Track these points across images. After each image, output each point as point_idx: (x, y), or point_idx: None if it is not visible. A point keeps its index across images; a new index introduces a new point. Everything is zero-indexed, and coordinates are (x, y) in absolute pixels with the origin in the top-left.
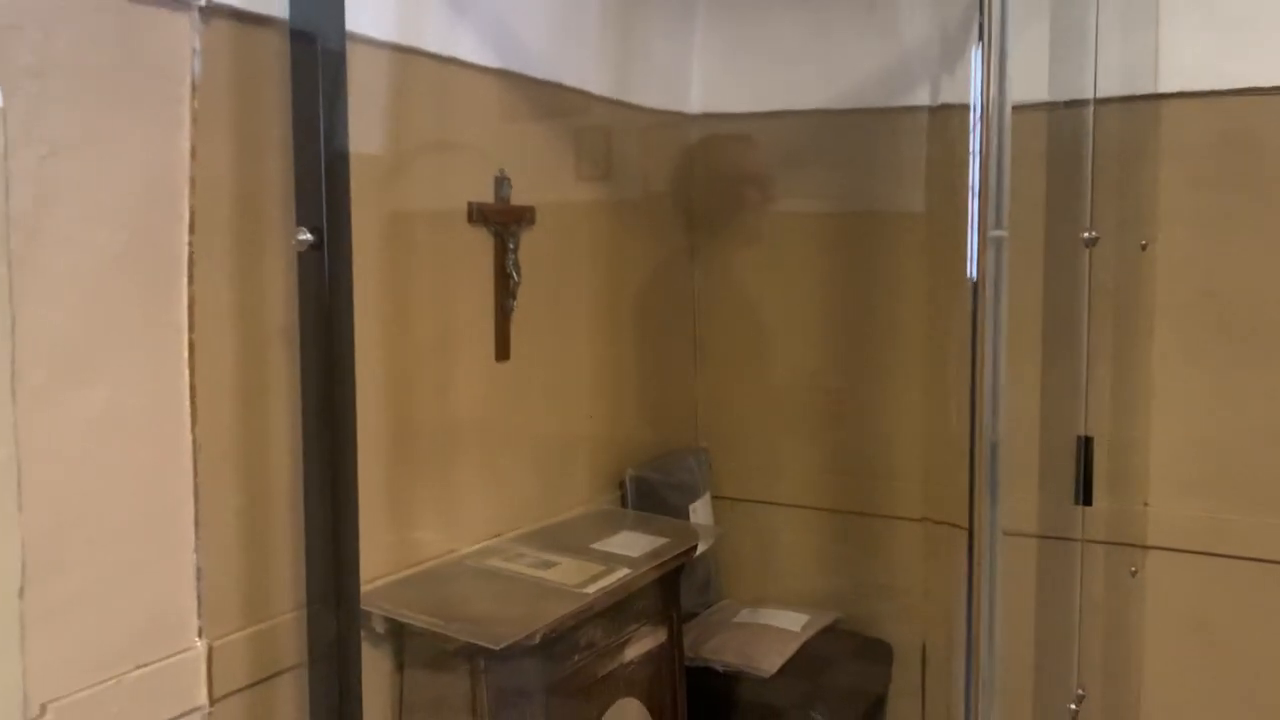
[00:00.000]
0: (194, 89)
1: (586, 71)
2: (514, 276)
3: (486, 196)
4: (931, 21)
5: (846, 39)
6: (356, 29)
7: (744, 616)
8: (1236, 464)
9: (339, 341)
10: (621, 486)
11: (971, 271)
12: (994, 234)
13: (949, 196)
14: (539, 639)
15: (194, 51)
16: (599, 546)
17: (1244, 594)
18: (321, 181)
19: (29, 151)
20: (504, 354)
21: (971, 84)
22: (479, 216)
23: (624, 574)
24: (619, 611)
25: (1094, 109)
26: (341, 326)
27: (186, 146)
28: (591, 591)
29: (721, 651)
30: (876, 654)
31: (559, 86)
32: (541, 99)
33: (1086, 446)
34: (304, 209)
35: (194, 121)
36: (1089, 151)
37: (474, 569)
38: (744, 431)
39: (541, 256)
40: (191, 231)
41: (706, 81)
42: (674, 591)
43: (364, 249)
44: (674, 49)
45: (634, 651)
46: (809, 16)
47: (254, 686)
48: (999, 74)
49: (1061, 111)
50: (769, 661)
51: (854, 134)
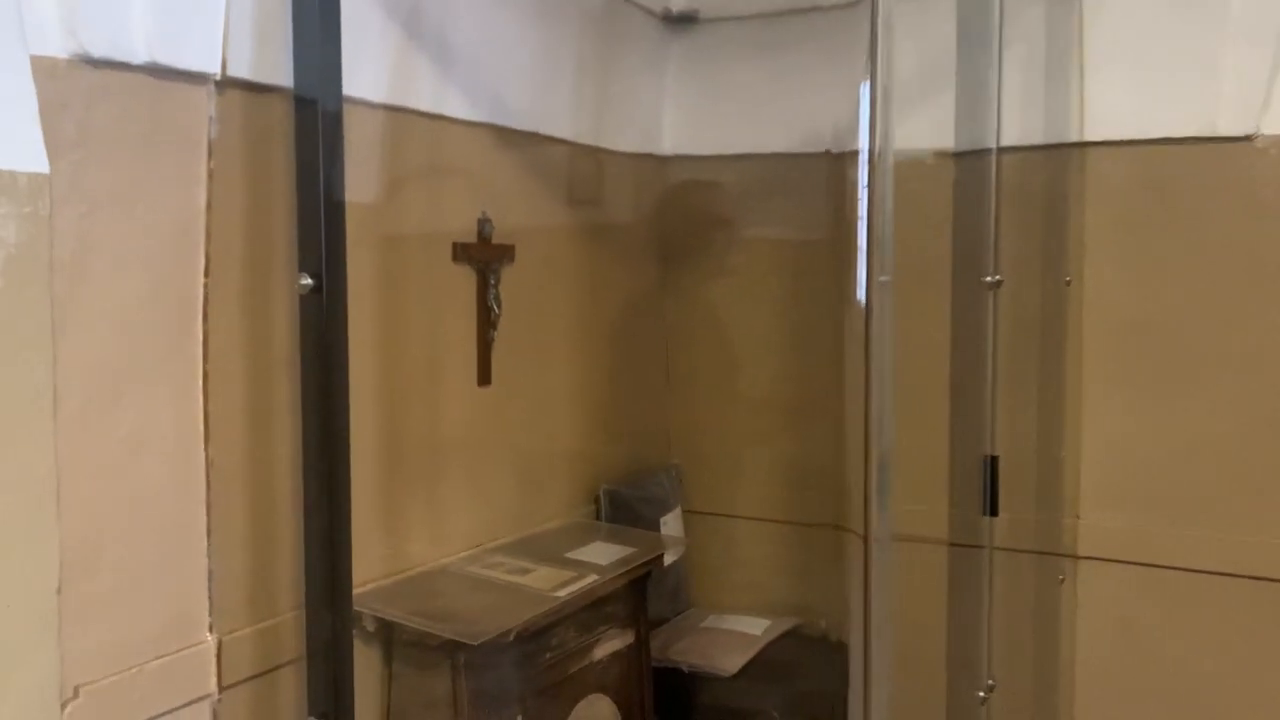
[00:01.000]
0: (210, 150)
1: (564, 121)
2: (495, 309)
3: (470, 237)
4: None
5: (802, 88)
6: (354, 93)
7: (710, 621)
8: (1159, 481)
9: (335, 373)
10: (596, 501)
11: (862, 307)
12: (881, 279)
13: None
14: (513, 636)
15: (210, 119)
16: (572, 555)
17: (1165, 598)
18: (321, 231)
19: (71, 209)
20: (485, 380)
21: (860, 133)
22: (463, 255)
23: (593, 580)
24: (589, 614)
25: (996, 159)
26: (338, 359)
27: (203, 201)
28: (562, 595)
29: (687, 653)
30: (835, 656)
31: (538, 136)
32: (522, 147)
33: (992, 465)
34: (305, 256)
35: (210, 179)
36: (991, 200)
37: (456, 575)
38: (712, 449)
39: (521, 290)
40: (207, 275)
41: (676, 126)
42: (642, 597)
43: (360, 286)
44: (646, 97)
45: (603, 651)
46: (768, 67)
47: (258, 678)
48: (884, 122)
49: (966, 160)
50: (731, 662)
51: (806, 174)
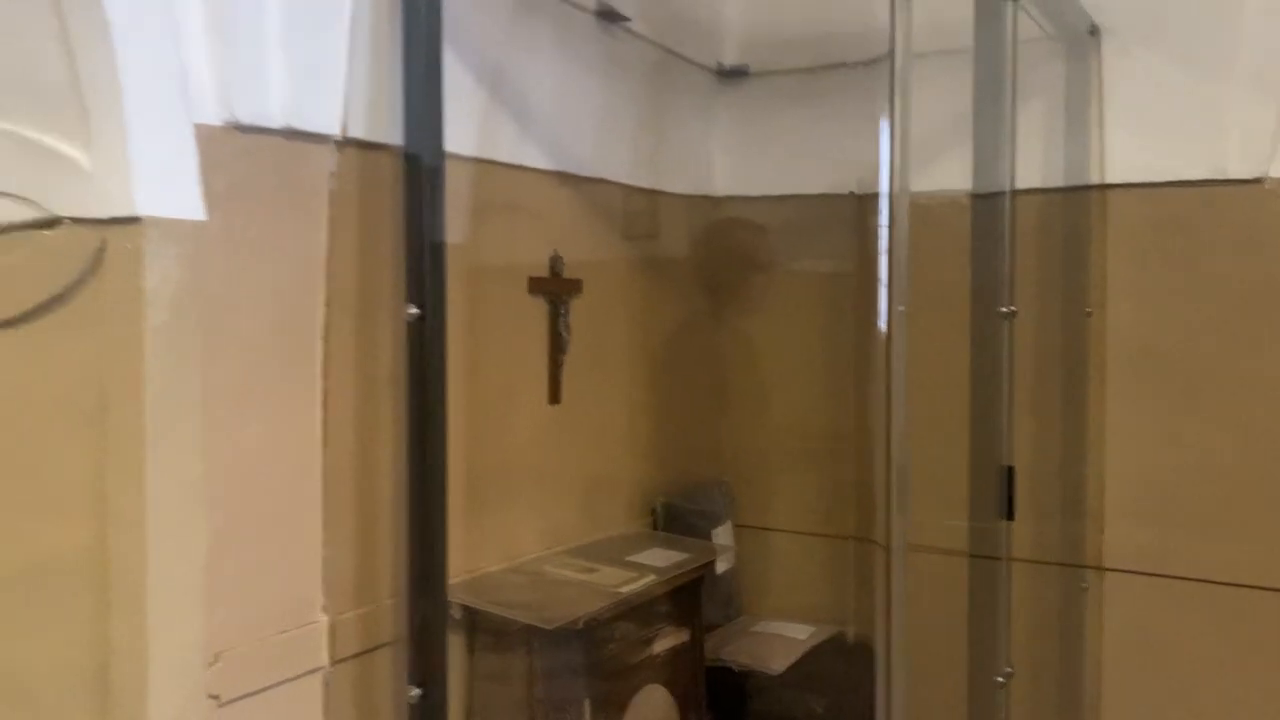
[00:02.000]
0: (330, 199)
1: (625, 166)
2: (564, 335)
3: (543, 271)
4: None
5: (836, 135)
6: (449, 148)
7: (758, 627)
8: (1181, 497)
9: (436, 390)
10: (653, 513)
11: (882, 334)
12: (899, 309)
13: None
14: (582, 625)
15: (331, 173)
16: (632, 558)
17: (1184, 608)
18: (425, 268)
19: (220, 251)
20: (555, 399)
21: (880, 175)
22: (537, 288)
23: (652, 579)
24: (648, 611)
25: (1011, 200)
26: (438, 378)
27: (324, 243)
28: (625, 591)
29: (737, 654)
30: (870, 658)
31: (602, 181)
32: (588, 191)
33: (1009, 474)
34: (412, 288)
35: (330, 224)
36: (1005, 237)
37: (529, 573)
38: (759, 467)
39: (587, 319)
40: (326, 306)
41: (727, 169)
42: (695, 598)
43: (450, 316)
44: (699, 143)
45: (661, 646)
46: (808, 115)
47: (362, 655)
48: (902, 166)
49: (984, 202)
50: (777, 662)
51: (838, 214)
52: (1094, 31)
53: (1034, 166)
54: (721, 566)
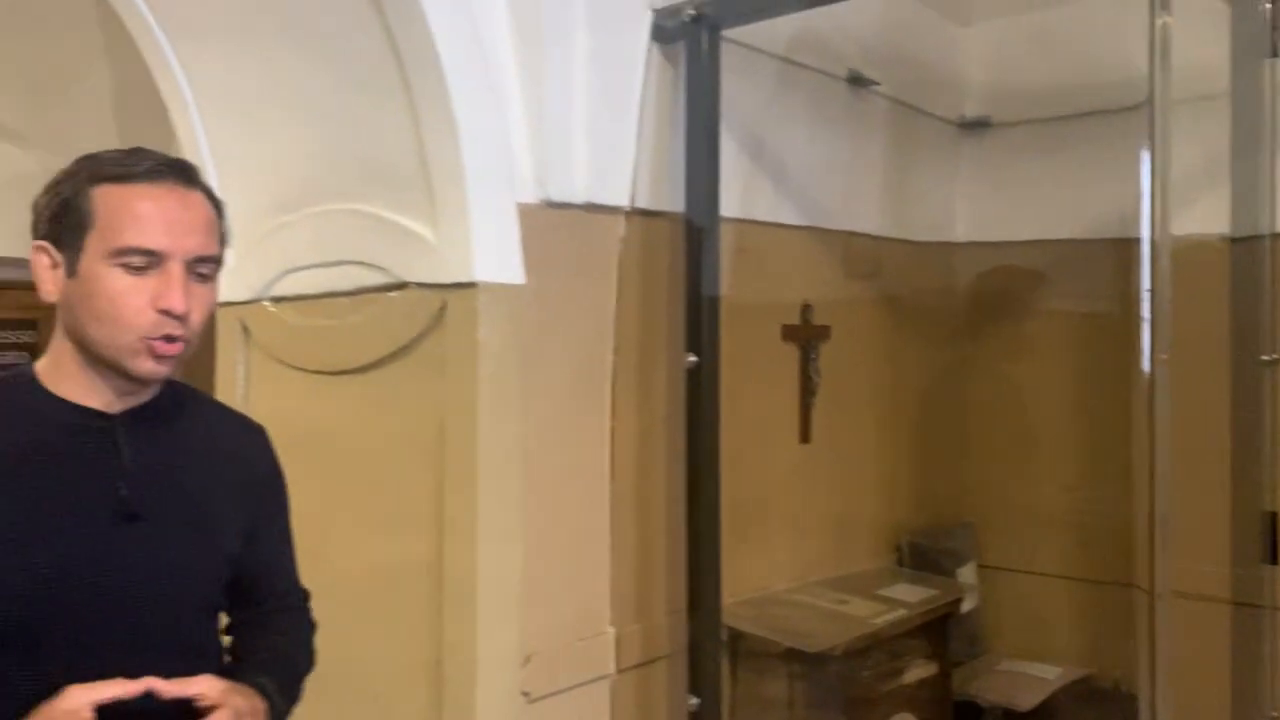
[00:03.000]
0: (620, 261)
1: (870, 218)
2: (814, 379)
3: (795, 319)
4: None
5: (1086, 181)
6: (723, 212)
7: (1005, 665)
8: None
9: (710, 429)
10: (898, 550)
11: (1145, 379)
12: (1161, 356)
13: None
14: (840, 651)
15: (620, 238)
16: (881, 592)
17: None
18: (702, 320)
19: (532, 307)
20: (806, 438)
21: (1141, 221)
22: (789, 335)
23: (903, 612)
24: (899, 643)
25: (1271, 245)
26: (712, 419)
27: (614, 299)
28: (879, 622)
29: (985, 690)
30: (1124, 703)
31: (850, 233)
32: (836, 243)
33: (1272, 520)
34: (691, 338)
35: (619, 283)
36: (1266, 283)
37: (785, 601)
38: (1005, 509)
39: (836, 363)
40: (615, 354)
41: (969, 216)
42: (943, 633)
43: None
44: (941, 192)
45: (911, 677)
46: (1054, 163)
47: (642, 666)
48: (1163, 211)
49: (1242, 246)
50: (1025, 700)
51: (1090, 259)
52: None
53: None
54: (967, 605)
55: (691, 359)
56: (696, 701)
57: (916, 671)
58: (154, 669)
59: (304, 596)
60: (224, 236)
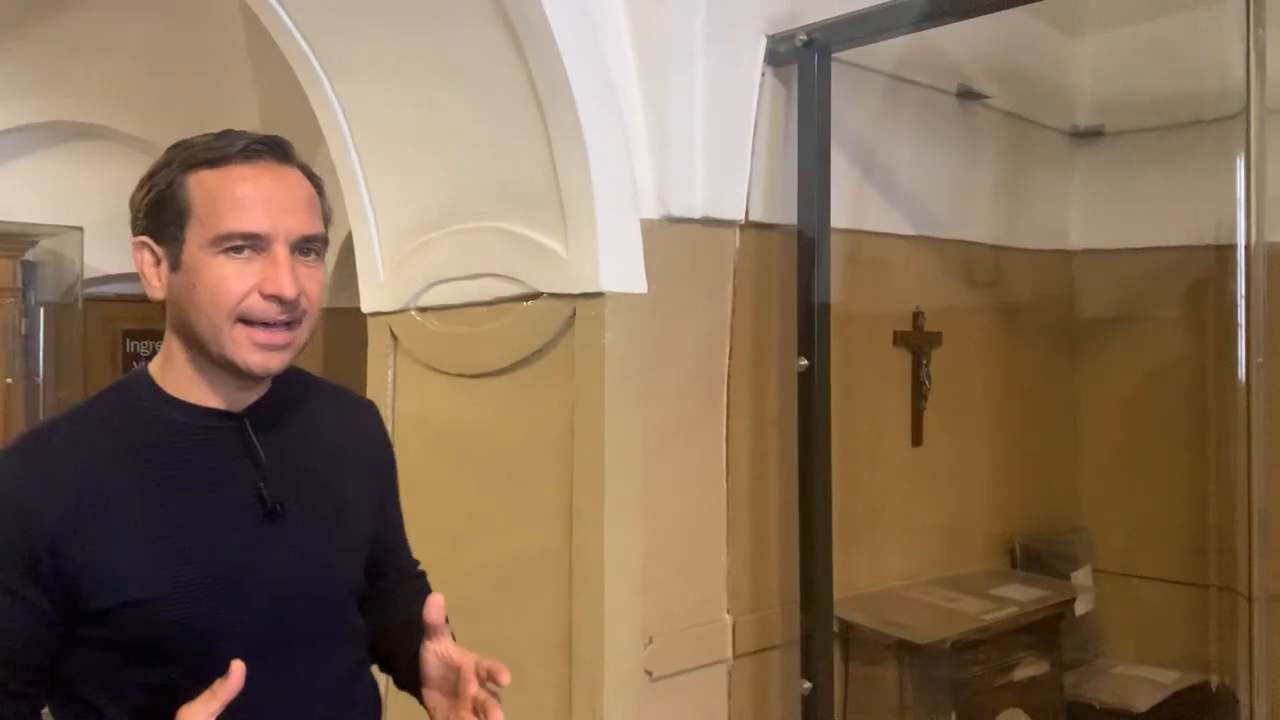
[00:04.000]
0: (734, 271)
1: (982, 227)
2: (926, 383)
3: (906, 325)
4: None
5: (1196, 187)
6: (835, 224)
7: (1120, 669)
8: None
9: (821, 430)
10: (1011, 552)
11: (1241, 385)
12: (1257, 360)
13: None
14: (949, 645)
15: (735, 250)
16: (993, 592)
17: None
18: (814, 326)
19: (653, 316)
20: (918, 441)
21: (1237, 227)
22: (901, 341)
23: (1014, 610)
24: (1010, 640)
25: None
26: (823, 420)
27: (729, 308)
28: (989, 619)
29: (1099, 692)
30: (1236, 708)
31: (961, 242)
32: (948, 252)
33: None
34: (803, 344)
35: (734, 292)
36: None
37: (897, 597)
38: (1122, 513)
39: (947, 368)
40: (730, 359)
41: (1082, 224)
42: (1055, 633)
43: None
44: (1055, 200)
45: (1022, 674)
46: (1165, 170)
47: (757, 653)
48: (1258, 218)
49: None
50: (1141, 702)
51: (1198, 266)
52: None
53: None
54: (1081, 608)
55: (803, 363)
56: (809, 686)
57: (1027, 669)
58: (312, 661)
59: (418, 565)
60: (327, 215)
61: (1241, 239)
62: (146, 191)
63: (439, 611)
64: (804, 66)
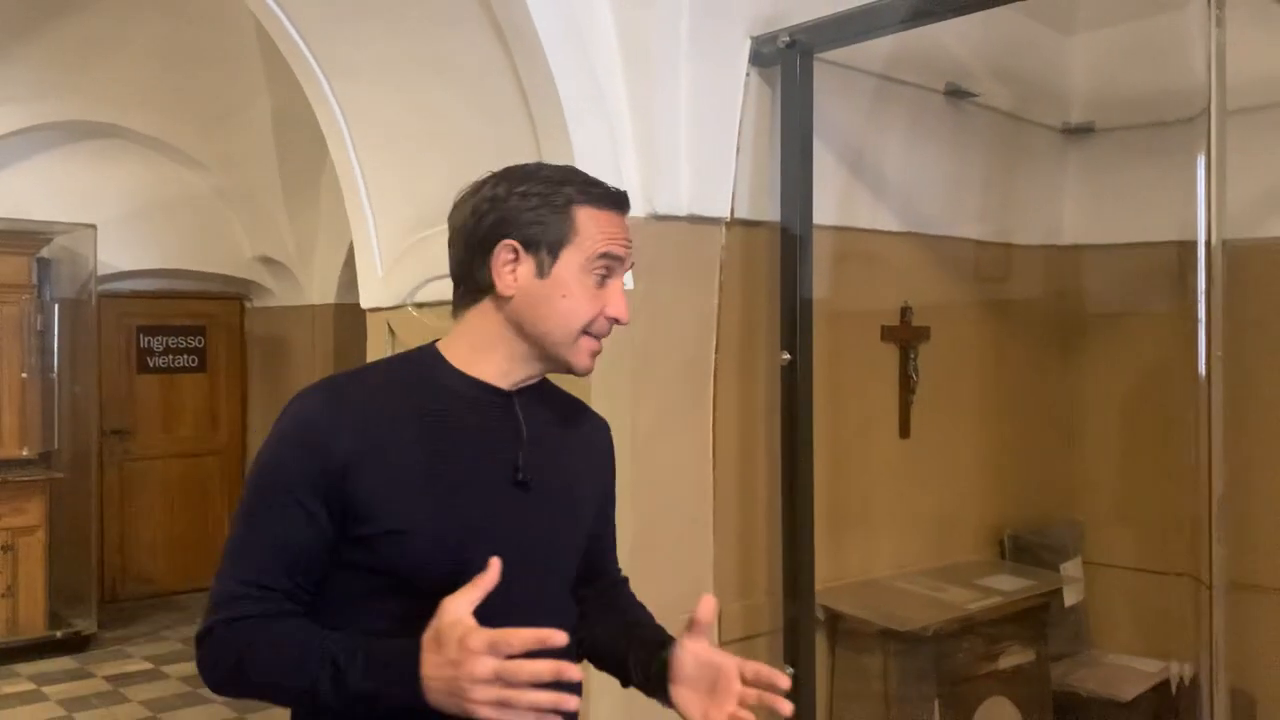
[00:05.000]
0: (720, 267)
1: (972, 223)
2: (914, 377)
3: (894, 320)
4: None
5: (1185, 183)
6: (816, 220)
7: (1108, 659)
8: None
9: (804, 422)
10: (1000, 544)
11: (1202, 379)
12: (1216, 354)
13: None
14: (932, 632)
15: (721, 246)
16: (980, 582)
17: None
18: (796, 320)
19: (641, 311)
20: (905, 434)
21: (1198, 224)
22: (889, 335)
23: (998, 599)
24: (995, 629)
25: None
26: (806, 412)
27: (716, 303)
28: (973, 607)
29: (1085, 680)
30: (1237, 701)
31: (950, 238)
32: (937, 248)
33: None
34: (786, 338)
35: (720, 288)
36: None
37: (884, 587)
38: (1112, 506)
39: (935, 362)
40: (716, 352)
41: (1074, 220)
42: (1041, 623)
43: (815, 360)
44: (1047, 196)
45: (1006, 663)
46: (1153, 167)
47: (742, 640)
48: (1219, 215)
49: None
50: (1126, 691)
51: (1178, 261)
52: None
53: None
54: (1071, 599)
55: (786, 357)
56: (792, 671)
57: (1012, 658)
58: (527, 622)
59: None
60: None
61: (1202, 236)
62: (528, 206)
63: (711, 612)
64: (787, 67)
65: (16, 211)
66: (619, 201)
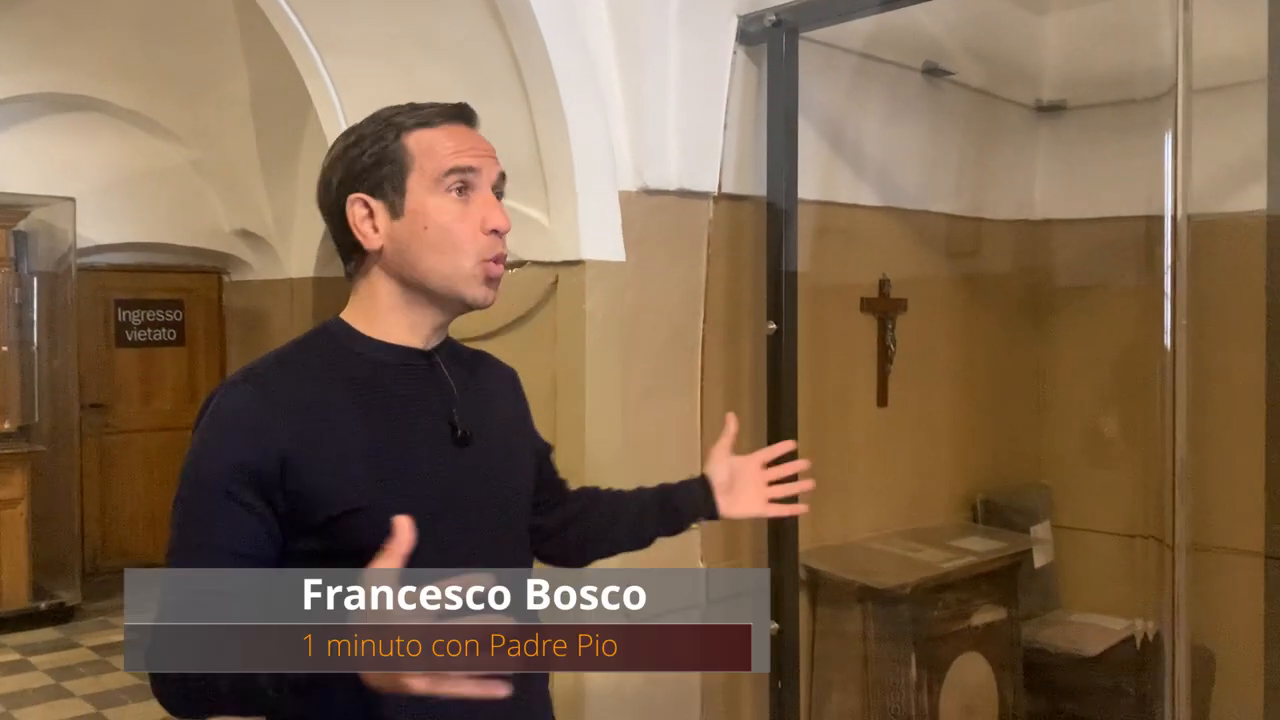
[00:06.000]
0: (708, 240)
1: (948, 198)
2: (891, 347)
3: (873, 293)
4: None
5: (1155, 158)
6: (800, 195)
7: (1076, 618)
8: None
9: (788, 390)
10: (973, 508)
11: (1166, 346)
12: (1182, 323)
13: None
14: (909, 590)
15: (709, 220)
16: (954, 543)
17: None
18: (782, 292)
19: (632, 282)
20: (884, 402)
21: (1165, 199)
22: (868, 307)
23: (972, 559)
24: (968, 588)
25: None
26: (790, 380)
27: (703, 274)
28: (947, 566)
29: (1054, 638)
30: (1197, 656)
31: (928, 212)
32: (915, 222)
33: None
34: (771, 309)
35: (708, 260)
36: None
37: (864, 548)
38: (1081, 471)
39: (912, 333)
40: (704, 323)
41: (1047, 194)
42: (1012, 582)
43: (799, 331)
44: (1020, 172)
45: (980, 620)
46: (1125, 142)
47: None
48: (1185, 190)
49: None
50: (1092, 647)
51: (1147, 235)
52: None
53: None
54: (1040, 560)
55: (771, 327)
56: (776, 626)
57: (985, 616)
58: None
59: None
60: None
61: (1169, 210)
62: (359, 154)
63: (735, 424)
64: (773, 45)
65: None
66: (455, 114)
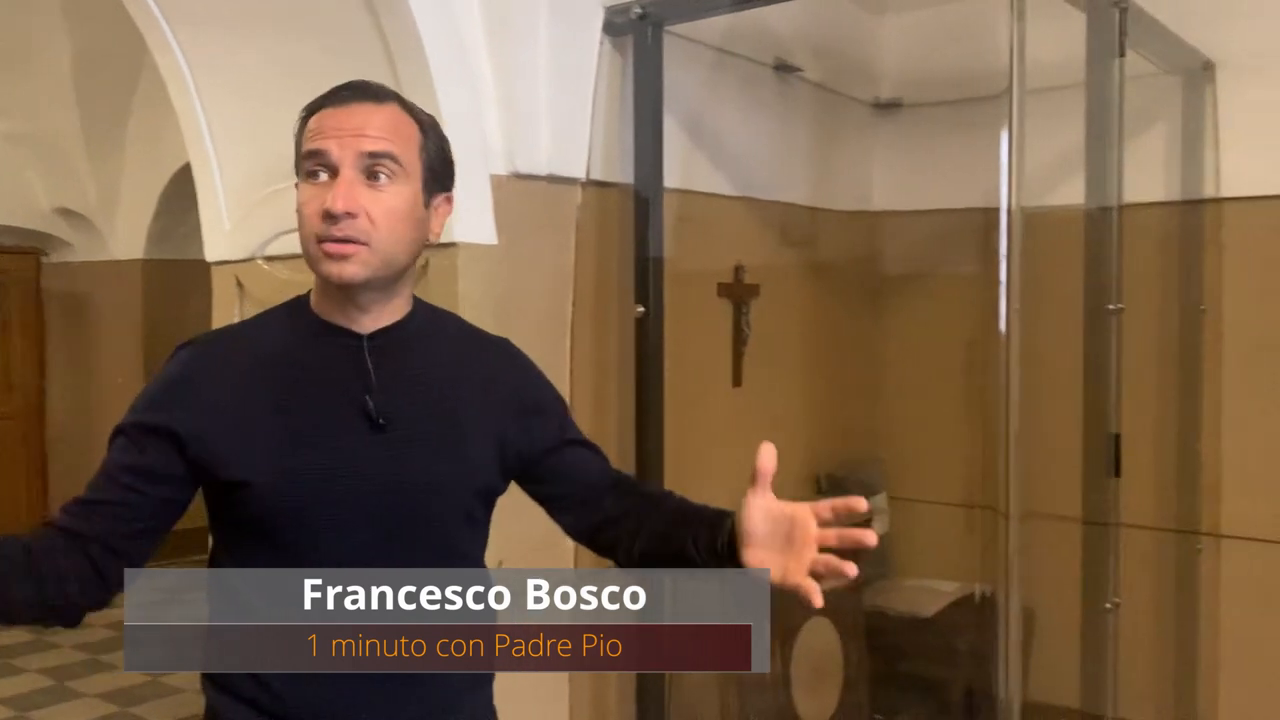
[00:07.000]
0: (577, 225)
1: (796, 189)
2: (745, 331)
3: (728, 278)
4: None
5: (984, 155)
6: (667, 184)
7: (910, 583)
8: None
9: (656, 371)
10: (817, 481)
11: (1001, 331)
12: (1015, 308)
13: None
14: None
15: (577, 206)
16: None
17: None
18: (649, 276)
19: (503, 265)
20: (738, 382)
21: (1000, 193)
22: (724, 292)
23: None
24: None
25: (1119, 212)
26: (657, 362)
27: (573, 259)
28: None
29: (892, 602)
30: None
31: (778, 203)
32: (767, 211)
33: (1116, 440)
34: (639, 292)
35: (577, 244)
36: (1113, 244)
37: None
38: (911, 446)
39: (765, 317)
40: (573, 306)
41: (884, 187)
42: (854, 551)
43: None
44: (859, 166)
45: (824, 587)
46: (956, 141)
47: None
48: (1016, 183)
49: (1095, 214)
50: (927, 609)
51: (977, 226)
52: (1207, 67)
53: (1156, 183)
54: (877, 530)
55: (640, 310)
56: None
57: (828, 583)
58: (409, 566)
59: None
60: (423, 145)
61: (1004, 203)
62: (295, 136)
63: (772, 460)
64: (639, 37)
65: None
66: (339, 95)
